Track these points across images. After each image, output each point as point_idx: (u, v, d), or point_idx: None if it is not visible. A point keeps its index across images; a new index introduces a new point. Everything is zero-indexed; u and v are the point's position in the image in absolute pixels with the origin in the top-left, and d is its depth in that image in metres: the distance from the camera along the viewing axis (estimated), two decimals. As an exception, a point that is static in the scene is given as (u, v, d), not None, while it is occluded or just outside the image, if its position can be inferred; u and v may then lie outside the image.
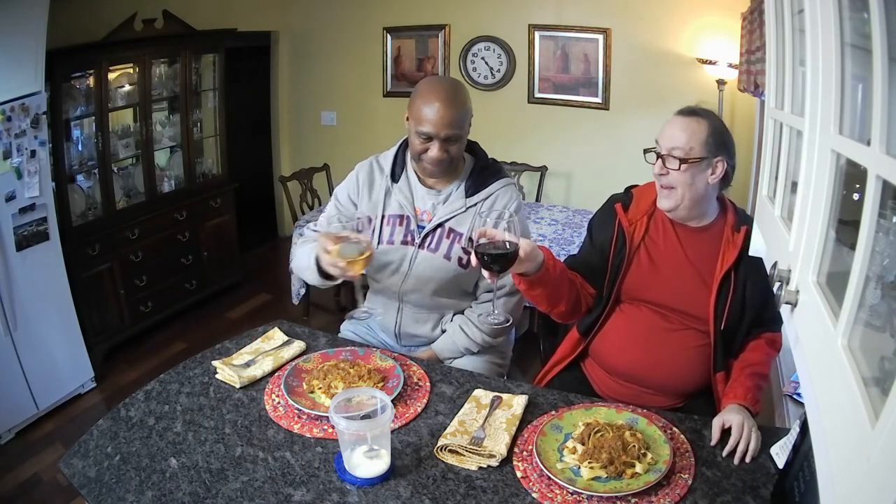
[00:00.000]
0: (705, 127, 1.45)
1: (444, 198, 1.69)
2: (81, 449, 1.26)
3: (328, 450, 1.23)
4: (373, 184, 1.72)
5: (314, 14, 4.62)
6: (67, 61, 2.99)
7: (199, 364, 1.54)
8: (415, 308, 1.74)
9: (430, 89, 1.58)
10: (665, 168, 1.45)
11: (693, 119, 1.46)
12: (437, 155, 1.58)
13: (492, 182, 1.69)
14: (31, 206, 2.66)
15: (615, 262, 1.56)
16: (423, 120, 1.55)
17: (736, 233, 1.48)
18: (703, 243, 1.51)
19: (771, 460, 1.18)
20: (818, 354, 0.65)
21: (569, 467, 1.16)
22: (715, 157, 1.44)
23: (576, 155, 4.05)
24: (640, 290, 1.54)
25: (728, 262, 1.46)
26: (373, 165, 1.75)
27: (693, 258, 1.51)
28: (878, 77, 0.53)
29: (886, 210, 0.55)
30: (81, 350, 2.99)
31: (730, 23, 3.27)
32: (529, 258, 1.34)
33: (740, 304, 1.47)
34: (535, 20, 3.97)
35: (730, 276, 1.47)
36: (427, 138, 1.57)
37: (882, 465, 0.45)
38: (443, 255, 1.67)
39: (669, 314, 1.52)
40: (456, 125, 1.56)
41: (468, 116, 1.61)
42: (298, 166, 4.23)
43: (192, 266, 3.81)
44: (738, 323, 1.49)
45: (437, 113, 1.53)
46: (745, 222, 1.49)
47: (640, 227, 1.55)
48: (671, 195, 1.47)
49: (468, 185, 1.68)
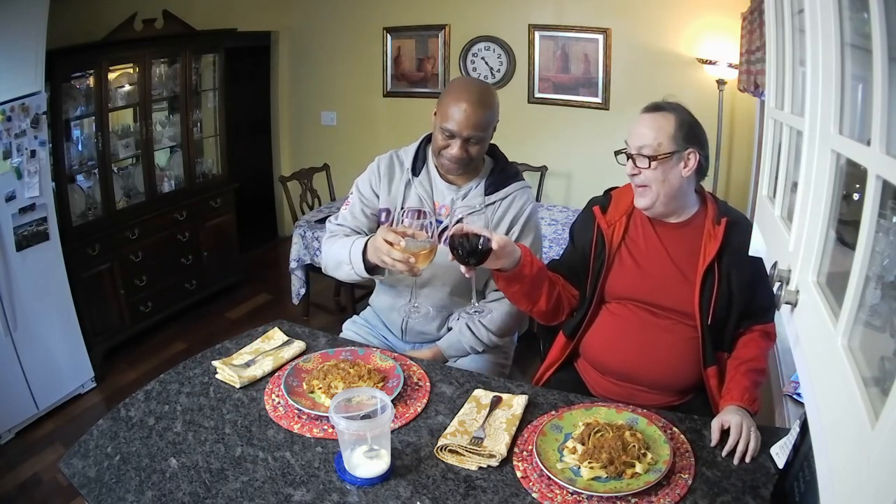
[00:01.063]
0: (672, 121, 1.44)
1: (463, 194, 1.71)
2: (81, 449, 1.26)
3: (328, 450, 1.23)
4: (393, 176, 1.74)
5: (314, 14, 4.62)
6: (67, 61, 2.99)
7: (199, 364, 1.54)
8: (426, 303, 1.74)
9: (461, 88, 1.62)
10: (636, 168, 1.45)
11: (659, 114, 1.46)
12: (457, 153, 1.61)
13: (510, 183, 1.72)
14: (31, 206, 2.66)
15: (596, 265, 1.57)
16: (449, 118, 1.58)
17: (716, 225, 1.48)
18: (683, 238, 1.51)
19: (771, 460, 1.18)
20: (818, 354, 0.65)
21: (569, 467, 1.16)
22: (685, 150, 1.44)
23: (576, 155, 4.05)
24: (624, 289, 1.55)
25: (710, 256, 1.46)
26: (393, 158, 1.77)
27: (674, 254, 1.51)
28: (878, 77, 0.53)
29: (886, 210, 0.55)
30: (81, 350, 2.99)
31: (730, 23, 3.26)
32: (504, 254, 1.38)
33: (726, 297, 1.47)
34: (535, 20, 3.97)
35: (713, 270, 1.46)
36: (450, 135, 1.60)
37: (882, 465, 0.45)
38: None
39: (656, 311, 1.52)
40: (480, 127, 1.59)
41: (494, 120, 1.64)
42: (298, 166, 4.23)
43: (192, 266, 3.81)
44: (725, 316, 1.48)
45: (464, 113, 1.57)
46: (725, 214, 1.50)
47: (618, 228, 1.56)
48: (645, 193, 1.47)
49: (488, 183, 1.71)
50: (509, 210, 1.70)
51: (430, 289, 1.73)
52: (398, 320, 1.80)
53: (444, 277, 1.71)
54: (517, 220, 1.70)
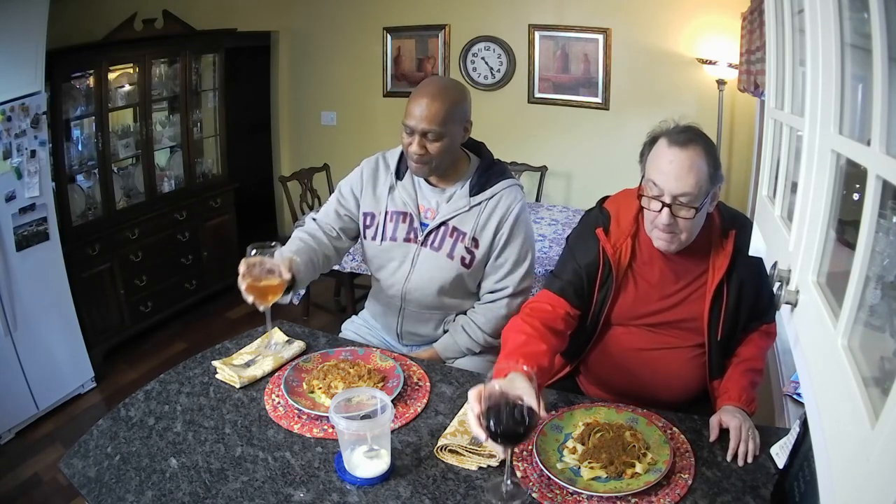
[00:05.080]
0: (704, 156, 1.27)
1: (447, 196, 1.68)
2: (81, 449, 1.26)
3: (328, 450, 1.23)
4: (377, 179, 1.73)
5: (314, 14, 4.62)
6: (67, 61, 2.99)
7: (199, 364, 1.54)
8: (417, 307, 1.74)
9: (422, 85, 1.62)
10: (672, 218, 1.27)
11: (691, 151, 1.26)
12: (416, 149, 1.57)
13: (496, 182, 1.68)
14: (31, 206, 2.66)
15: (601, 293, 1.45)
16: (407, 113, 1.57)
17: (724, 238, 1.39)
18: (691, 256, 1.40)
19: (771, 460, 1.18)
20: (818, 354, 0.65)
21: (569, 467, 1.16)
22: (716, 186, 1.31)
23: (576, 155, 4.05)
24: (630, 314, 1.46)
25: (719, 275, 1.37)
26: (379, 161, 1.75)
27: (683, 274, 1.42)
28: (878, 77, 0.53)
29: (886, 210, 0.55)
30: (81, 350, 2.99)
31: (730, 23, 3.26)
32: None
33: (735, 308, 1.40)
34: (535, 20, 3.97)
35: (722, 287, 1.38)
36: (410, 132, 1.58)
37: (882, 465, 0.45)
38: (446, 253, 1.66)
39: (662, 331, 1.46)
40: (435, 121, 1.54)
41: (456, 116, 1.58)
42: (298, 166, 4.23)
43: (192, 266, 3.81)
44: (734, 327, 1.43)
45: (419, 106, 1.55)
46: (732, 226, 1.40)
47: (625, 252, 1.43)
48: (674, 240, 1.31)
49: (473, 184, 1.68)
50: (496, 211, 1.65)
51: (418, 292, 1.71)
52: (393, 324, 1.79)
53: (432, 278, 1.68)
54: (504, 220, 1.65)
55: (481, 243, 1.66)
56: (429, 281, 1.69)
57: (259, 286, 1.37)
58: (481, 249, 1.66)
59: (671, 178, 1.26)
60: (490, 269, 1.69)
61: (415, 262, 1.69)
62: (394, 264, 1.71)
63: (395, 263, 1.71)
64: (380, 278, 1.76)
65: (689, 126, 1.33)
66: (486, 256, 1.68)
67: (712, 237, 1.40)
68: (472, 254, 1.66)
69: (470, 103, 1.65)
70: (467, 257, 1.66)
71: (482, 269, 1.70)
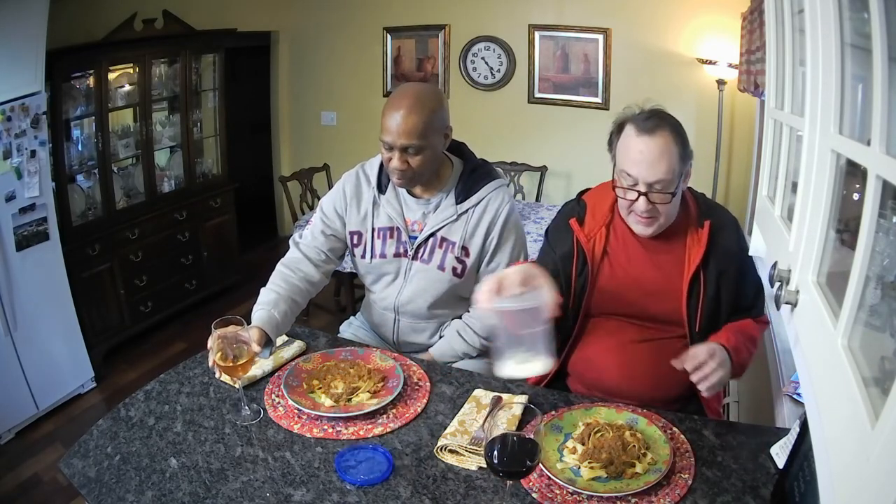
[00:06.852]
0: (672, 139, 1.28)
1: (433, 207, 1.64)
2: (81, 449, 1.26)
3: (328, 450, 1.23)
4: (360, 196, 1.68)
5: (314, 14, 4.62)
6: (67, 61, 2.98)
7: (199, 364, 1.54)
8: (411, 319, 1.73)
9: (396, 96, 1.53)
10: (650, 204, 1.29)
11: (660, 136, 1.28)
12: (398, 165, 1.51)
13: (482, 186, 1.63)
14: (31, 206, 2.66)
15: (578, 282, 1.46)
16: (384, 128, 1.50)
17: (699, 228, 1.39)
18: (666, 244, 1.41)
19: (771, 460, 1.18)
20: (818, 354, 0.65)
21: (569, 467, 1.16)
22: (687, 166, 1.32)
23: (576, 155, 4.05)
24: (609, 303, 1.46)
25: (695, 263, 1.37)
26: (359, 176, 1.70)
27: (658, 262, 1.42)
28: (878, 77, 0.53)
29: (886, 210, 0.55)
30: (81, 350, 2.99)
31: (730, 23, 3.26)
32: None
33: (714, 301, 1.39)
34: (535, 20, 3.97)
35: (699, 276, 1.38)
36: (389, 147, 1.51)
37: (882, 465, 0.45)
38: (436, 265, 1.64)
39: (642, 323, 1.45)
40: (415, 135, 1.47)
41: (435, 125, 1.52)
42: (298, 166, 4.23)
43: (192, 266, 3.81)
44: (714, 320, 1.41)
45: (394, 121, 1.47)
46: (707, 215, 1.40)
47: (599, 241, 1.44)
48: (652, 223, 1.34)
49: (458, 191, 1.63)
50: (484, 216, 1.61)
51: (412, 304, 1.69)
52: (389, 334, 1.78)
53: (424, 290, 1.66)
54: (493, 225, 1.61)
55: (471, 251, 1.63)
56: (421, 293, 1.67)
57: (227, 365, 1.29)
58: (472, 257, 1.64)
59: (644, 167, 1.28)
60: (483, 274, 1.66)
61: (407, 276, 1.67)
62: (388, 278, 1.70)
63: (390, 277, 1.70)
64: (374, 291, 1.75)
65: (655, 110, 1.35)
66: (478, 263, 1.65)
67: (689, 226, 1.41)
68: (462, 263, 1.64)
69: (447, 108, 1.58)
70: (458, 267, 1.64)
71: (474, 275, 1.67)
